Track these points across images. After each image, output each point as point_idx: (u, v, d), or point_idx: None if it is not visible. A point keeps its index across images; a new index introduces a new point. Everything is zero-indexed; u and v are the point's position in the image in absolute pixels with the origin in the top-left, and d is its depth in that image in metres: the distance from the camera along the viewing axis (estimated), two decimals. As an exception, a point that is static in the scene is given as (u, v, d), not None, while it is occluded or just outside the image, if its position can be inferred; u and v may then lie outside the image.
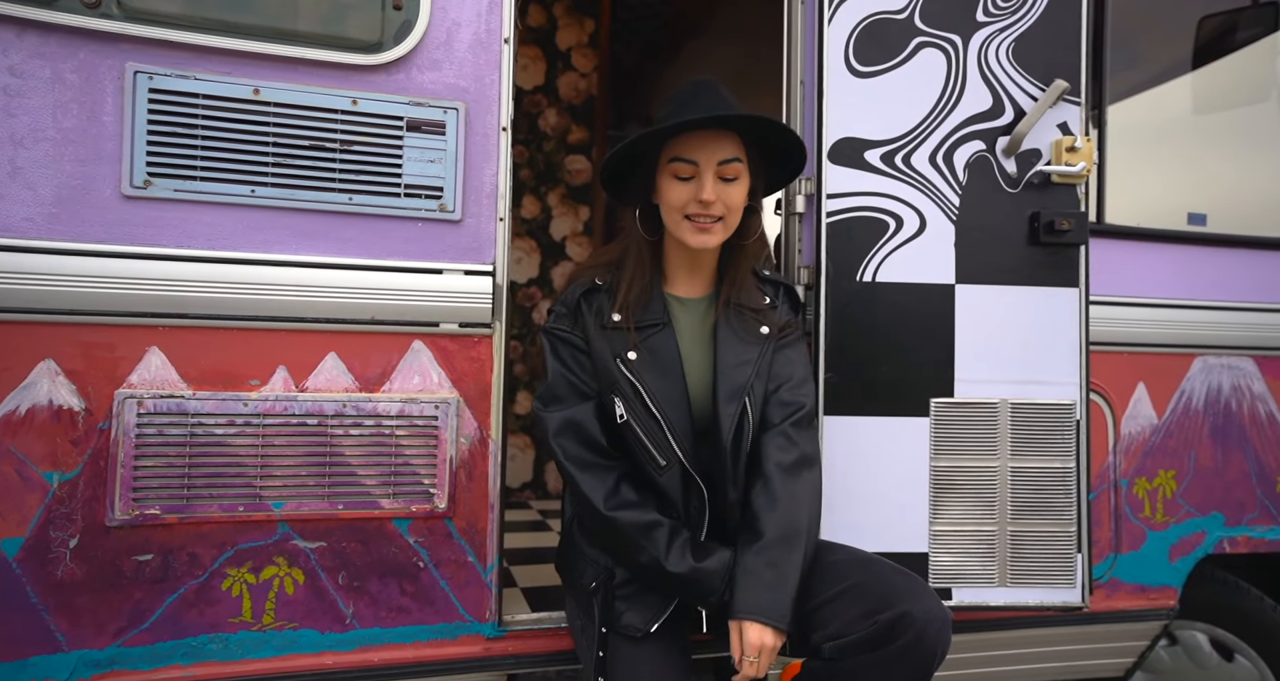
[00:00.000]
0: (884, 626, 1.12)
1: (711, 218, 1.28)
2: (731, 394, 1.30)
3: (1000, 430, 1.56)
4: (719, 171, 1.27)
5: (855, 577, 1.21)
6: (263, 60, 1.32)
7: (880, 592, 1.16)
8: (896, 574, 1.22)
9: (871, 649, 1.13)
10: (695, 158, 1.27)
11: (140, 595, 1.25)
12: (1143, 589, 1.79)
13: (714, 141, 1.27)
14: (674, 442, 1.29)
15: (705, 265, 1.38)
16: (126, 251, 1.25)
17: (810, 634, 1.21)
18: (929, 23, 1.58)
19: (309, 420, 1.33)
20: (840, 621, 1.17)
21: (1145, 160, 2.07)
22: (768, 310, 1.38)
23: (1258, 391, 1.89)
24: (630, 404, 1.29)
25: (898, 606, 1.13)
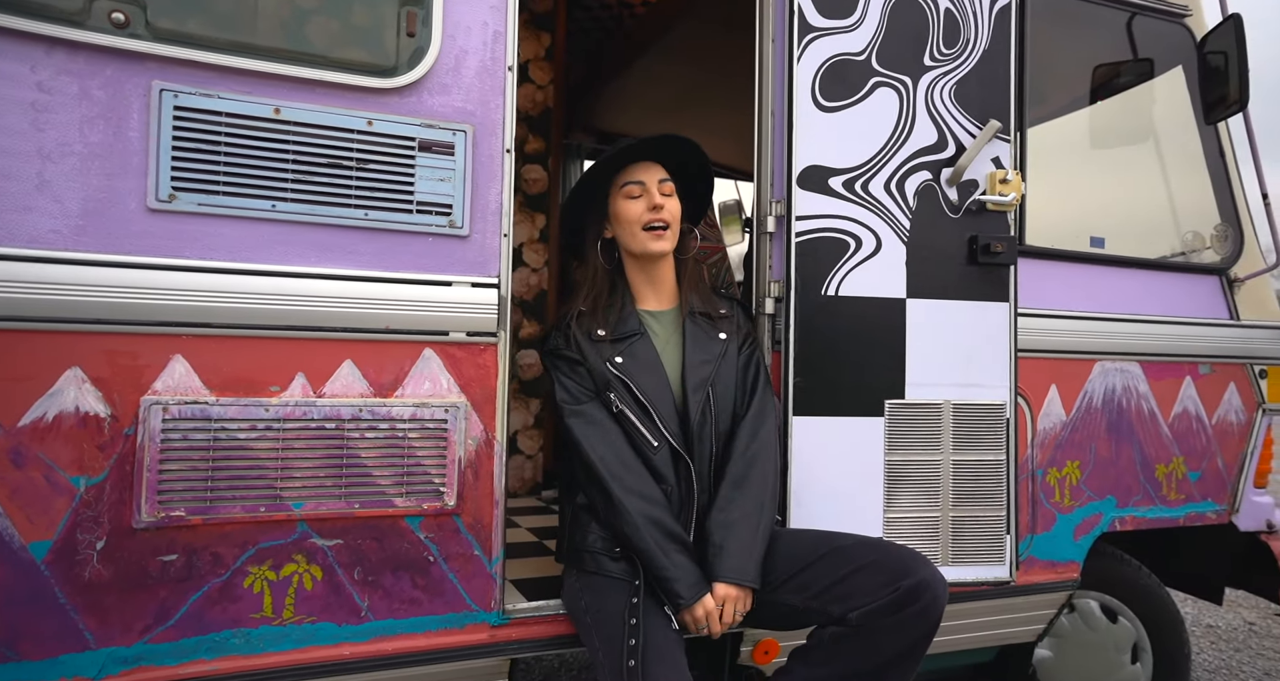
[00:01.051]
0: (906, 591, 1.34)
1: (663, 223, 1.58)
2: (697, 385, 1.57)
3: (944, 427, 1.77)
4: (660, 188, 1.62)
5: (869, 556, 1.41)
6: (283, 81, 1.38)
7: (897, 566, 1.38)
8: (903, 549, 1.44)
9: (895, 612, 1.34)
10: (641, 179, 1.62)
11: (165, 593, 1.30)
12: (1053, 564, 2.05)
13: (651, 168, 1.64)
14: (662, 426, 1.52)
15: (664, 281, 1.67)
16: (151, 263, 1.30)
17: (830, 607, 1.41)
18: (884, 65, 1.78)
19: (327, 424, 1.40)
20: (864, 592, 1.37)
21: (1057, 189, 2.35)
22: (725, 318, 1.66)
23: (1142, 391, 2.19)
24: (622, 398, 1.52)
25: (916, 575, 1.35)
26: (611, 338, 1.58)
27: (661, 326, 1.65)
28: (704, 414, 1.55)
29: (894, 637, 1.37)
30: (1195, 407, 2.27)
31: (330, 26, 1.41)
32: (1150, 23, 2.26)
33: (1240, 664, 3.17)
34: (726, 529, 1.47)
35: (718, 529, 1.47)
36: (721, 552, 1.44)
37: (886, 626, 1.36)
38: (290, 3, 1.39)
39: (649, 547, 1.42)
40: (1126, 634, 2.31)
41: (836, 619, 1.40)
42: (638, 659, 1.30)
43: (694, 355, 1.59)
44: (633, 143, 1.60)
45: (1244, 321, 2.34)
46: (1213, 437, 2.30)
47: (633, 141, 1.61)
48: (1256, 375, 2.37)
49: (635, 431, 1.52)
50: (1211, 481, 2.29)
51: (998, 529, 1.79)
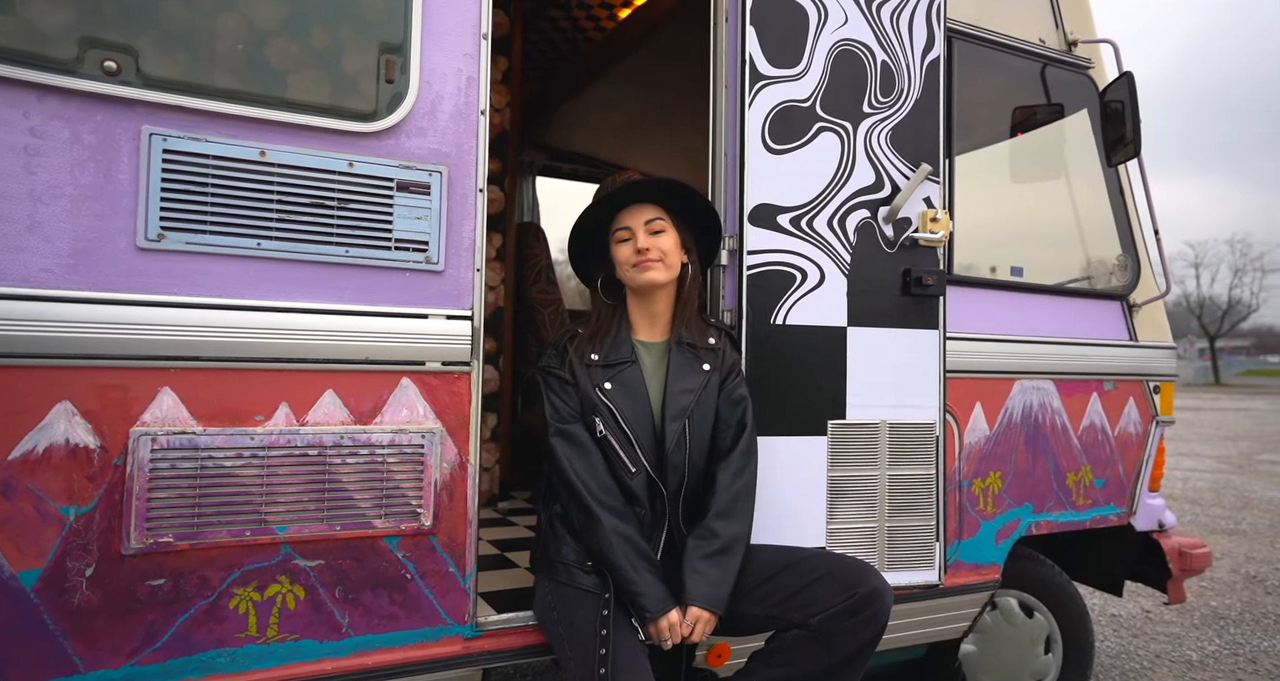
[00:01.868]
0: (861, 598, 1.50)
1: (651, 259, 1.67)
2: (676, 414, 1.67)
3: (881, 445, 1.94)
4: (647, 228, 1.71)
5: (825, 568, 1.57)
6: (268, 125, 1.45)
7: (850, 576, 1.54)
8: (855, 561, 1.61)
9: (850, 616, 1.50)
10: (628, 224, 1.72)
11: (153, 617, 1.36)
12: (977, 567, 2.24)
13: (638, 211, 1.73)
14: (641, 454, 1.63)
15: (660, 314, 1.75)
16: (140, 299, 1.35)
17: (791, 614, 1.56)
18: (827, 111, 1.93)
19: (310, 451, 1.47)
20: (822, 600, 1.53)
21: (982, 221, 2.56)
22: (712, 350, 1.75)
23: (1055, 407, 2.41)
24: (606, 423, 1.63)
25: (867, 584, 1.52)
26: (603, 363, 1.67)
27: (651, 356, 1.73)
28: (679, 444, 1.64)
29: (849, 638, 1.52)
30: (1101, 421, 2.51)
31: (313, 73, 1.49)
32: (1060, 72, 2.49)
33: (1136, 648, 3.47)
34: (708, 559, 1.58)
35: (700, 558, 1.58)
36: (701, 580, 1.56)
37: (843, 629, 1.51)
38: (275, 50, 1.46)
39: (621, 564, 1.53)
40: (1041, 628, 2.54)
41: (797, 624, 1.55)
42: (608, 667, 1.41)
43: (675, 385, 1.68)
44: (613, 191, 1.71)
45: (1141, 342, 2.59)
46: (1115, 448, 2.53)
47: (612, 191, 1.72)
48: (1151, 391, 2.62)
49: (615, 457, 1.62)
50: (1114, 487, 2.53)
51: (928, 537, 1.97)
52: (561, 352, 1.70)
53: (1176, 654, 3.41)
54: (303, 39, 1.48)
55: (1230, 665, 3.29)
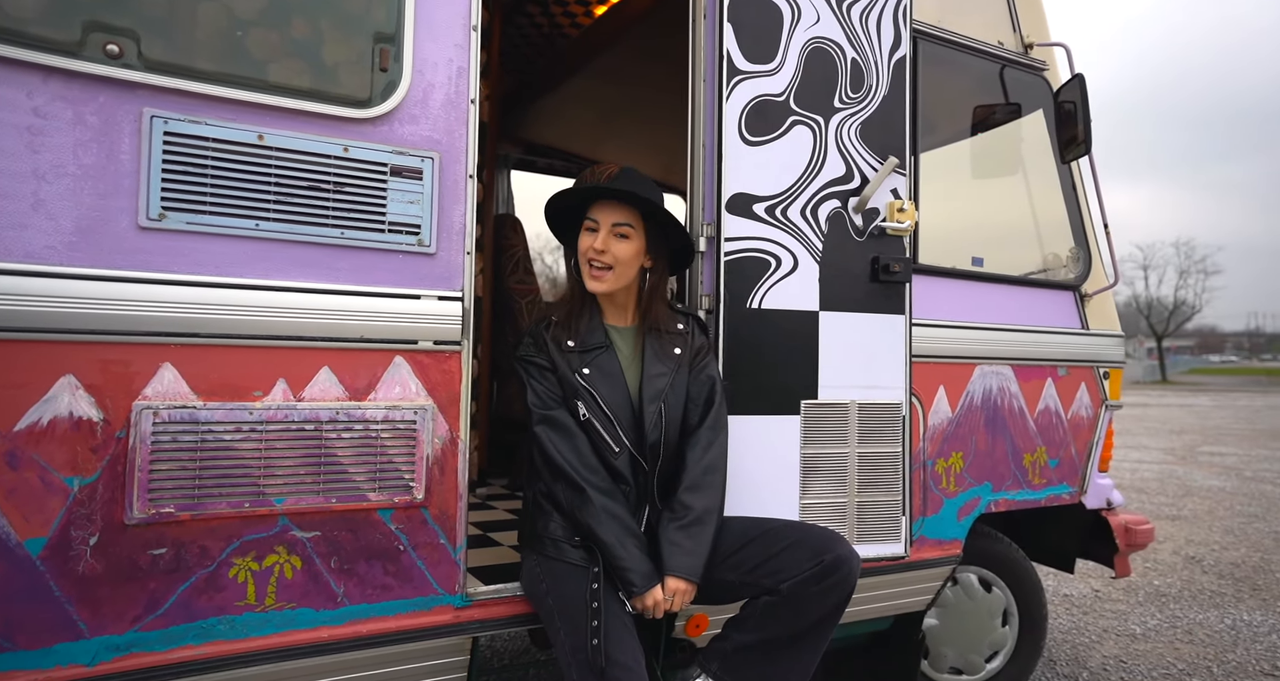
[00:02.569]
0: (828, 565, 1.59)
1: (602, 265, 1.72)
2: (653, 396, 1.74)
3: (850, 424, 2.04)
4: (613, 230, 1.73)
5: (793, 536, 1.65)
6: (267, 110, 1.49)
7: (818, 543, 1.63)
8: (823, 530, 1.69)
9: (819, 581, 1.59)
10: (598, 218, 1.75)
11: (155, 585, 1.39)
12: (940, 543, 2.36)
13: (614, 209, 1.74)
14: (622, 434, 1.70)
15: (624, 304, 1.83)
16: (142, 277, 1.39)
17: (762, 580, 1.64)
18: (800, 105, 2.03)
19: (306, 426, 1.52)
20: (792, 566, 1.61)
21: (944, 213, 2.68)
22: (682, 334, 1.82)
23: (1013, 391, 2.54)
24: (589, 406, 1.69)
25: (834, 551, 1.61)
26: (579, 349, 1.73)
27: (624, 341, 1.80)
28: (656, 424, 1.72)
29: (817, 603, 1.61)
30: (1055, 405, 2.65)
31: (310, 60, 1.53)
32: (1017, 73, 2.62)
33: (1086, 624, 3.65)
34: (682, 531, 1.65)
35: (675, 530, 1.66)
36: (676, 551, 1.63)
37: (812, 594, 1.60)
38: (273, 37, 1.50)
39: (610, 540, 1.60)
40: (999, 601, 2.67)
41: (768, 590, 1.63)
42: (600, 638, 1.48)
43: (651, 369, 1.74)
44: (597, 185, 1.75)
45: (1093, 331, 2.74)
46: (1068, 430, 2.68)
47: (596, 184, 1.75)
48: (1101, 377, 2.77)
49: (600, 438, 1.69)
50: (1066, 467, 2.67)
51: (894, 511, 2.07)
52: (538, 340, 1.75)
53: (1122, 628, 3.60)
54: (300, 27, 1.53)
55: (1169, 637, 3.48)
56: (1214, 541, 5.37)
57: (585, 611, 1.55)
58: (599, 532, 1.62)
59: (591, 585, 1.59)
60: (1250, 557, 4.94)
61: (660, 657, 1.96)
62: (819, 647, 1.65)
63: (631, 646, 1.51)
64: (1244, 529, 5.77)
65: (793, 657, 1.62)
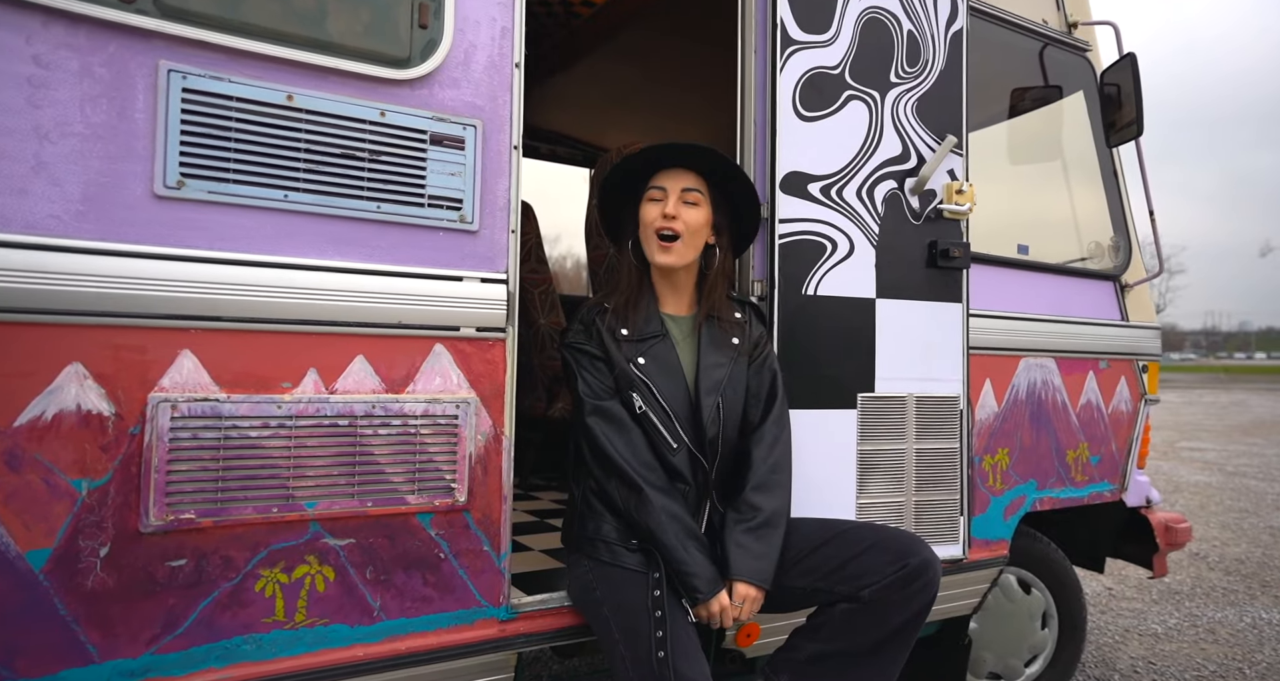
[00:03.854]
0: (913, 569, 1.46)
1: (671, 233, 1.59)
2: (710, 388, 1.61)
3: (907, 418, 1.92)
4: (682, 197, 1.62)
5: (871, 539, 1.52)
6: (296, 67, 1.33)
7: (900, 546, 1.49)
8: (901, 532, 1.57)
9: (903, 587, 1.46)
10: (664, 184, 1.63)
11: (174, 600, 1.23)
12: (988, 543, 2.25)
13: (679, 176, 1.64)
14: (680, 429, 1.56)
15: (684, 288, 1.70)
16: (158, 252, 1.22)
17: (839, 586, 1.51)
18: (856, 79, 1.90)
19: (340, 421, 1.36)
20: (873, 571, 1.48)
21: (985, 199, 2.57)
22: (739, 323, 1.69)
23: (1057, 384, 2.44)
24: (645, 399, 1.55)
25: (919, 554, 1.47)
26: (635, 338, 1.60)
27: (680, 330, 1.67)
28: (714, 419, 1.59)
29: (900, 610, 1.48)
30: (1096, 399, 2.55)
31: (344, 13, 1.37)
32: (1059, 54, 2.52)
33: (1106, 624, 3.58)
34: (751, 533, 1.52)
35: (742, 532, 1.53)
36: (745, 554, 1.50)
37: (896, 600, 1.48)
38: (304, -15, 1.34)
39: (671, 543, 1.46)
40: (1038, 603, 2.57)
41: (846, 596, 1.50)
42: (666, 650, 1.35)
43: (708, 359, 1.61)
44: (661, 145, 1.61)
45: (1132, 323, 2.65)
46: (1109, 425, 2.58)
47: (660, 145, 1.61)
48: (1140, 370, 2.68)
49: (656, 432, 1.55)
50: (1108, 464, 2.58)
51: (952, 511, 1.96)
52: (589, 327, 1.62)
53: (1143, 628, 3.53)
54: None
55: (1192, 636, 3.42)
56: (1213, 537, 5.36)
57: (648, 620, 1.41)
58: (659, 534, 1.48)
59: (653, 591, 1.45)
60: (1252, 553, 4.92)
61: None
62: (901, 657, 1.52)
63: (699, 660, 1.38)
64: (1239, 524, 5.78)
65: (875, 668, 1.50)
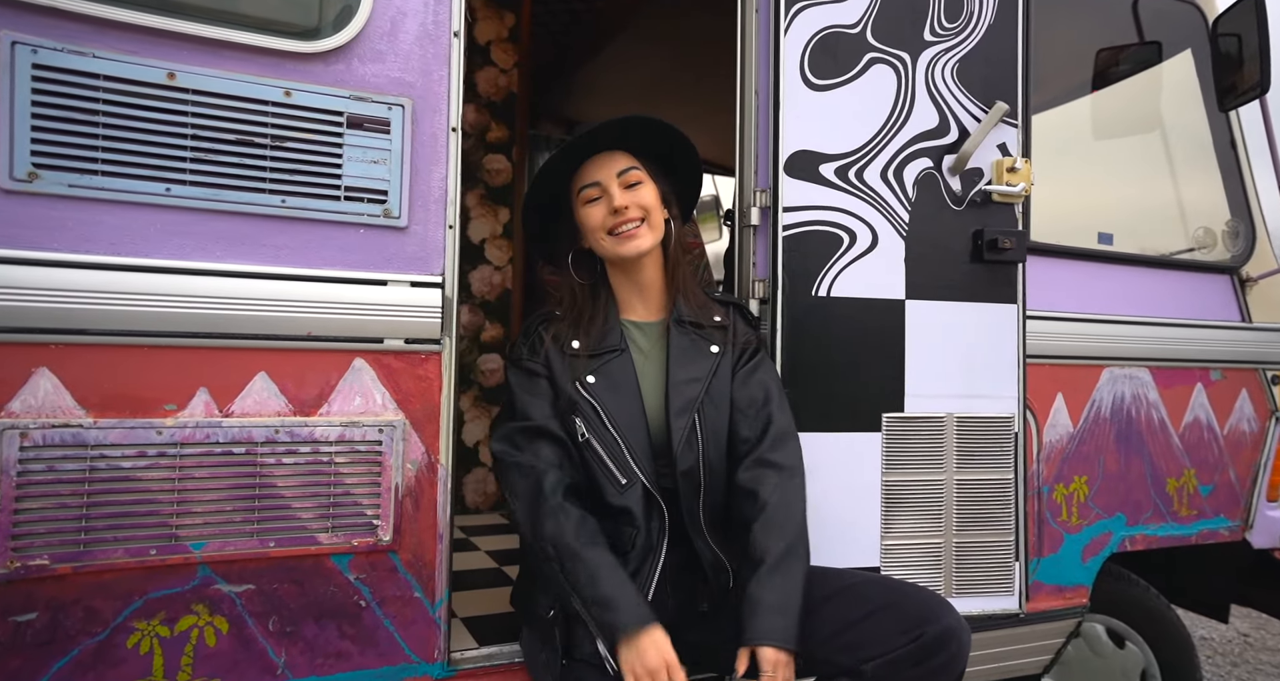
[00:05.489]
0: (930, 640, 1.14)
1: (632, 221, 1.34)
2: (682, 408, 1.34)
3: (946, 444, 1.59)
4: (621, 181, 1.35)
5: (882, 598, 1.22)
6: (179, 40, 1.15)
7: (916, 610, 1.18)
8: (922, 591, 1.25)
9: (916, 663, 1.15)
10: (597, 179, 1.35)
11: (19, 663, 1.07)
12: (1060, 589, 1.88)
13: (607, 161, 1.37)
14: (633, 461, 1.30)
15: (651, 286, 1.43)
16: (6, 256, 1.07)
17: (838, 656, 1.21)
18: (880, 39, 1.59)
19: (235, 448, 1.18)
20: (878, 641, 1.17)
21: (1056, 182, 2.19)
22: (719, 327, 1.41)
23: (1152, 399, 2.03)
24: (590, 424, 1.30)
25: (940, 621, 1.15)
26: (588, 352, 1.34)
27: (646, 340, 1.41)
28: (689, 442, 1.32)
29: None
30: (1207, 416, 2.12)
31: (237, -24, 1.19)
32: (1157, 3, 2.10)
33: (1238, 678, 3.05)
34: (763, 583, 1.22)
35: (754, 584, 1.23)
36: (760, 610, 1.20)
37: (910, 678, 1.17)
38: (187, -54, 1.17)
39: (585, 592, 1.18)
40: (1135, 660, 2.15)
41: (846, 670, 1.20)
42: None
43: (679, 373, 1.35)
44: (574, 137, 1.34)
45: (1256, 324, 2.19)
46: (1224, 449, 2.14)
47: (570, 140, 1.35)
48: (1269, 381, 2.22)
49: (601, 465, 1.30)
50: (1224, 495, 2.14)
51: (1006, 555, 1.61)
52: (534, 340, 1.36)
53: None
54: (224, -65, 1.19)
55: (1343, 698, 2.87)
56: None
57: None
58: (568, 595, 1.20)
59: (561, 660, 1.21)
60: None
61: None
62: None
63: None
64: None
65: None
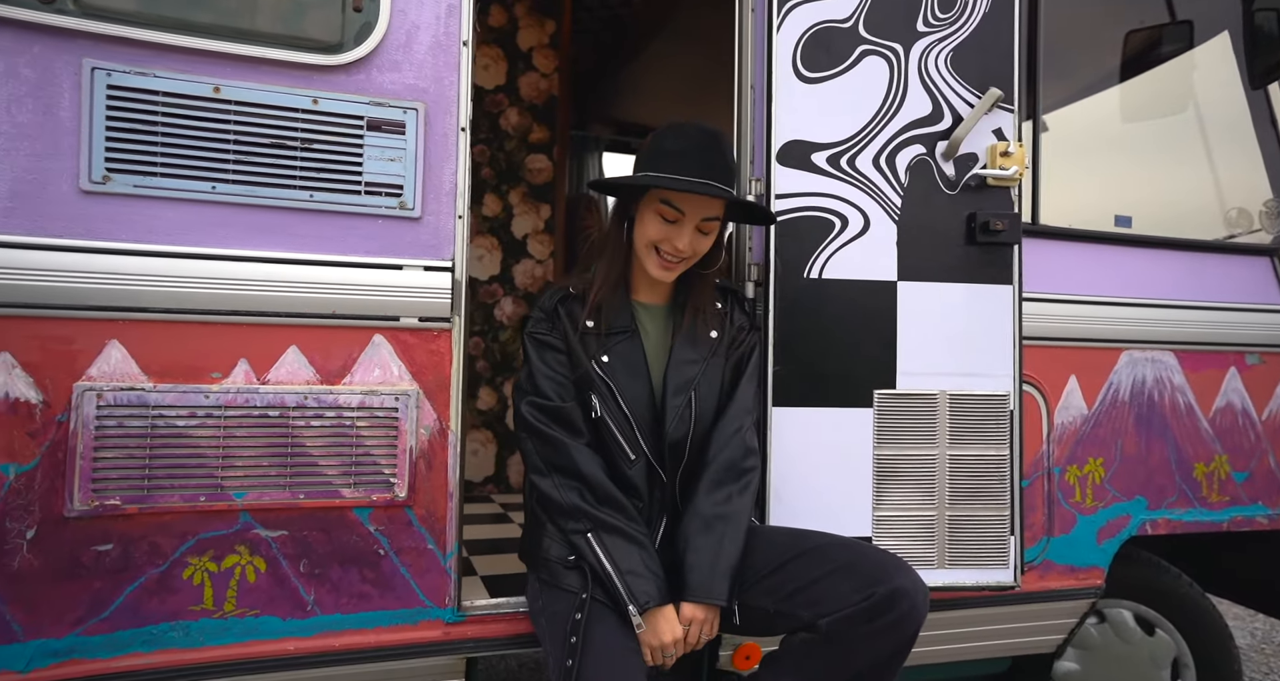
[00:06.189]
0: (880, 599, 1.22)
1: (679, 259, 1.40)
2: (679, 387, 1.43)
3: (939, 420, 1.64)
4: (701, 226, 1.40)
5: (842, 558, 1.30)
6: (223, 59, 1.34)
7: (871, 570, 1.26)
8: (880, 553, 1.33)
9: (868, 620, 1.23)
10: (684, 208, 1.38)
11: (100, 585, 1.27)
12: (1073, 569, 1.89)
13: (705, 201, 1.38)
14: (640, 438, 1.40)
15: (664, 283, 1.50)
16: (85, 246, 1.27)
17: (800, 611, 1.29)
18: (872, 32, 1.65)
19: (270, 412, 1.35)
20: (834, 598, 1.26)
21: (1077, 165, 2.18)
22: (720, 314, 1.50)
23: (1178, 383, 2.00)
24: (605, 402, 1.39)
25: (891, 581, 1.23)
26: (602, 331, 1.42)
27: (653, 323, 1.49)
28: (683, 419, 1.41)
29: (866, 648, 1.25)
30: (1242, 401, 2.08)
31: (272, 1, 1.37)
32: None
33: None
34: (695, 545, 1.34)
35: (687, 546, 1.35)
36: (688, 571, 1.33)
37: (859, 636, 1.24)
38: (229, -22, 1.35)
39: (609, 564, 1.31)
40: (1165, 647, 2.13)
41: (806, 624, 1.29)
42: (575, 657, 1.21)
43: (680, 354, 1.44)
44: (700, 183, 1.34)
45: (1297, 307, 2.13)
46: (1263, 435, 2.09)
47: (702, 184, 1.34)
48: (1312, 366, 2.15)
49: (614, 441, 1.39)
50: (1262, 482, 2.09)
51: (1001, 529, 1.65)
52: (551, 315, 1.44)
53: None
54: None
55: None
56: None
57: (567, 627, 1.29)
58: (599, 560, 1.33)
59: (580, 595, 1.32)
60: None
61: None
62: None
63: (618, 671, 1.22)
64: None
65: None
